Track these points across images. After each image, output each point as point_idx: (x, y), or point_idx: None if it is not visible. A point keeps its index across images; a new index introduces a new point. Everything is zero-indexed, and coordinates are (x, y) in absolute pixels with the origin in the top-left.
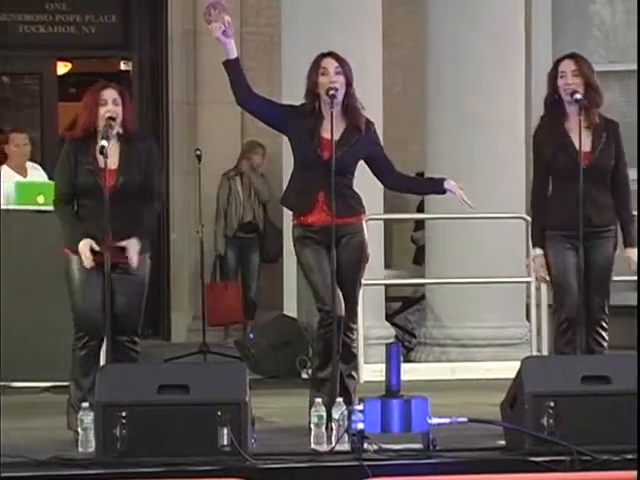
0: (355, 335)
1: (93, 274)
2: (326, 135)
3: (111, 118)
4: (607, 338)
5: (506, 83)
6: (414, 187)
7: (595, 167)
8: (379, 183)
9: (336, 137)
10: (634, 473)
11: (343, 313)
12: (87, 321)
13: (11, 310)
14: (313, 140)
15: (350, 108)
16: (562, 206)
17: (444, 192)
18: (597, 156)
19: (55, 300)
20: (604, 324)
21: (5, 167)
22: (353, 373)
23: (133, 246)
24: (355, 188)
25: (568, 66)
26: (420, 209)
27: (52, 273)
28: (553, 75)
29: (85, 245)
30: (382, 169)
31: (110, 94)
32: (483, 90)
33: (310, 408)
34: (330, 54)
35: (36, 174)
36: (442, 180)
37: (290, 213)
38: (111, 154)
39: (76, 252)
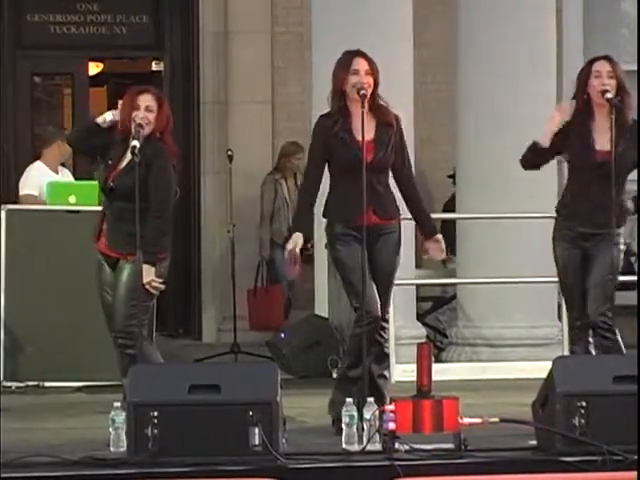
0: (387, 335)
1: None
2: (359, 137)
3: (140, 125)
4: (617, 334)
5: (537, 82)
6: (410, 203)
7: (610, 168)
8: None
9: (370, 136)
10: None
11: (379, 313)
12: None
13: (43, 310)
14: (349, 144)
15: (376, 106)
16: (574, 201)
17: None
18: (615, 158)
19: (87, 300)
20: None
21: (40, 163)
22: (385, 373)
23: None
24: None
25: (603, 67)
26: (446, 209)
27: (83, 273)
28: (585, 74)
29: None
30: (397, 162)
31: (145, 100)
32: (514, 90)
33: (329, 406)
34: (360, 54)
35: (64, 174)
36: (432, 232)
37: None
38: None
39: None
